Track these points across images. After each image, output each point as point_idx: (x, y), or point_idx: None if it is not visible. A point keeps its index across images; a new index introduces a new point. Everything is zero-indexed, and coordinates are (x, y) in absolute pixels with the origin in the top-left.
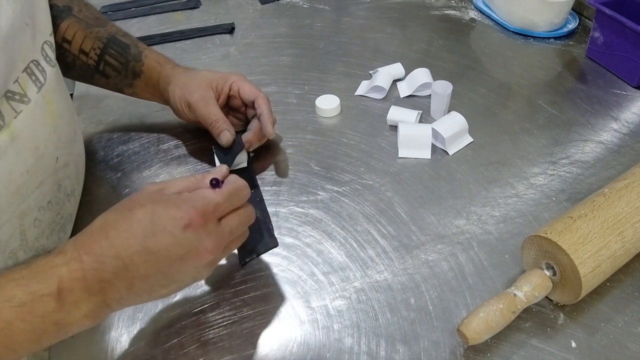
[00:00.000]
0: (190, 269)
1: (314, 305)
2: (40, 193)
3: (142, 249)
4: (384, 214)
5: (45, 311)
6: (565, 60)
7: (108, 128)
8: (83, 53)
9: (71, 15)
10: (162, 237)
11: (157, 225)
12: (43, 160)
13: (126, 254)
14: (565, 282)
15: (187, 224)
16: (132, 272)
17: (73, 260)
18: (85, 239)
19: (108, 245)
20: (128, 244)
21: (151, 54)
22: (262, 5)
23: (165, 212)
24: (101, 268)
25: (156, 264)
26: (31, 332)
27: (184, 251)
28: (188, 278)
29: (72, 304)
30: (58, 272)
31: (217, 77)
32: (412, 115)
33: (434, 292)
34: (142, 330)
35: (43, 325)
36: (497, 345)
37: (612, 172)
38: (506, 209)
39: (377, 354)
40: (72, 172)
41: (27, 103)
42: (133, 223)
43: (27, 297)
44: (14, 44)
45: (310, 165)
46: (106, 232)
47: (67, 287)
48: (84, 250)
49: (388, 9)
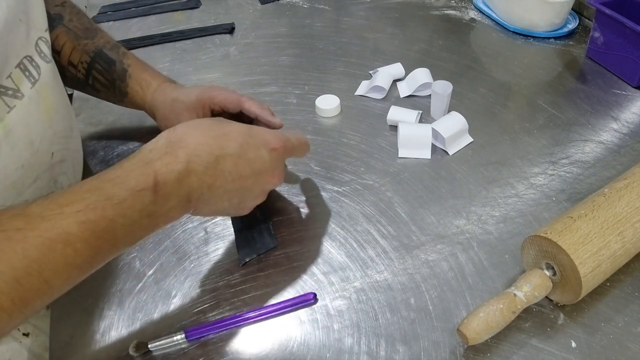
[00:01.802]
0: (259, 186)
1: (314, 305)
2: (36, 188)
3: (236, 153)
4: (384, 214)
5: (143, 205)
6: (565, 60)
7: (108, 128)
8: (72, 65)
9: (61, 24)
10: (254, 149)
11: (253, 138)
12: (38, 155)
13: (221, 153)
14: (565, 282)
15: (274, 148)
16: (220, 168)
17: (168, 154)
18: (181, 135)
19: (205, 143)
20: (224, 144)
21: (135, 71)
22: (262, 5)
23: (261, 132)
24: (195, 160)
25: (241, 169)
26: (130, 226)
27: (264, 168)
28: (251, 196)
29: (165, 196)
30: (153, 166)
31: (194, 102)
32: (412, 115)
33: (434, 292)
34: (142, 330)
35: (140, 218)
36: (497, 345)
37: (612, 172)
38: (506, 209)
39: (377, 354)
40: (69, 167)
41: (21, 98)
42: (232, 132)
43: (127, 193)
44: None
45: (310, 165)
46: (203, 133)
47: (161, 179)
48: (179, 145)
49: (388, 9)
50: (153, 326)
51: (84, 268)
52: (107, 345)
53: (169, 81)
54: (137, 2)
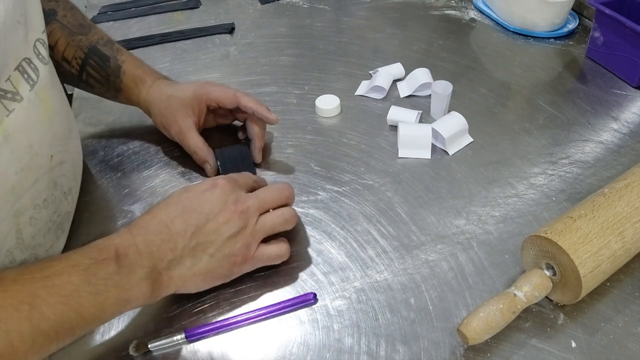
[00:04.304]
0: (225, 226)
1: (314, 305)
2: (35, 191)
3: (180, 211)
4: (384, 214)
5: (107, 274)
6: (565, 60)
7: (108, 128)
8: (66, 61)
9: (55, 20)
10: (196, 197)
11: (190, 191)
12: (37, 158)
13: (167, 218)
14: (565, 282)
15: (214, 185)
16: (174, 231)
17: (124, 233)
18: (134, 221)
19: (151, 216)
20: (168, 210)
21: (129, 68)
22: (262, 5)
23: (196, 184)
24: (146, 232)
25: (194, 221)
26: (96, 295)
27: (213, 206)
28: (226, 240)
29: (129, 267)
30: (113, 242)
31: (191, 98)
32: (412, 115)
33: (434, 292)
34: (142, 330)
35: (106, 288)
36: (497, 345)
37: (612, 172)
38: (506, 209)
39: (377, 354)
40: (69, 170)
41: (20, 101)
42: (170, 199)
43: (90, 261)
44: (5, 42)
45: (310, 165)
46: (150, 210)
47: (122, 252)
48: (133, 225)
49: (388, 9)
50: (153, 326)
51: (50, 336)
52: (107, 345)
53: (163, 77)
54: (137, 2)
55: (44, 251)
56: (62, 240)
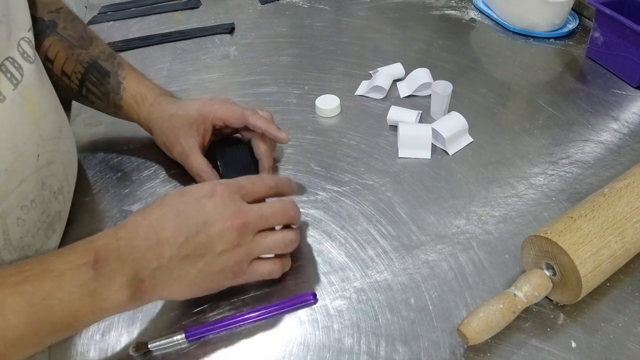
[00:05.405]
0: (216, 239)
1: (314, 305)
2: (21, 192)
3: (172, 216)
4: (384, 214)
5: (82, 280)
6: (565, 60)
7: (108, 128)
8: (65, 75)
9: (55, 32)
10: (192, 204)
11: (187, 195)
12: (23, 158)
13: (158, 222)
14: (565, 282)
15: (213, 192)
16: (162, 237)
17: (109, 235)
18: (125, 220)
19: (142, 217)
20: (161, 213)
21: (130, 84)
22: (262, 5)
23: (195, 187)
24: (133, 236)
25: (185, 230)
26: (69, 303)
27: (208, 216)
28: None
29: (108, 275)
30: (94, 244)
31: (195, 117)
32: (412, 115)
33: (434, 292)
34: (142, 330)
35: (81, 296)
36: (497, 345)
37: (612, 172)
38: (506, 209)
39: (377, 354)
40: (59, 169)
41: (2, 101)
42: (165, 200)
43: (66, 266)
44: None
45: (310, 165)
46: (143, 210)
47: (102, 257)
48: (121, 225)
49: (388, 9)
50: (153, 326)
51: (19, 347)
52: (107, 346)
53: (165, 94)
54: (137, 2)
55: (33, 251)
56: (53, 240)
